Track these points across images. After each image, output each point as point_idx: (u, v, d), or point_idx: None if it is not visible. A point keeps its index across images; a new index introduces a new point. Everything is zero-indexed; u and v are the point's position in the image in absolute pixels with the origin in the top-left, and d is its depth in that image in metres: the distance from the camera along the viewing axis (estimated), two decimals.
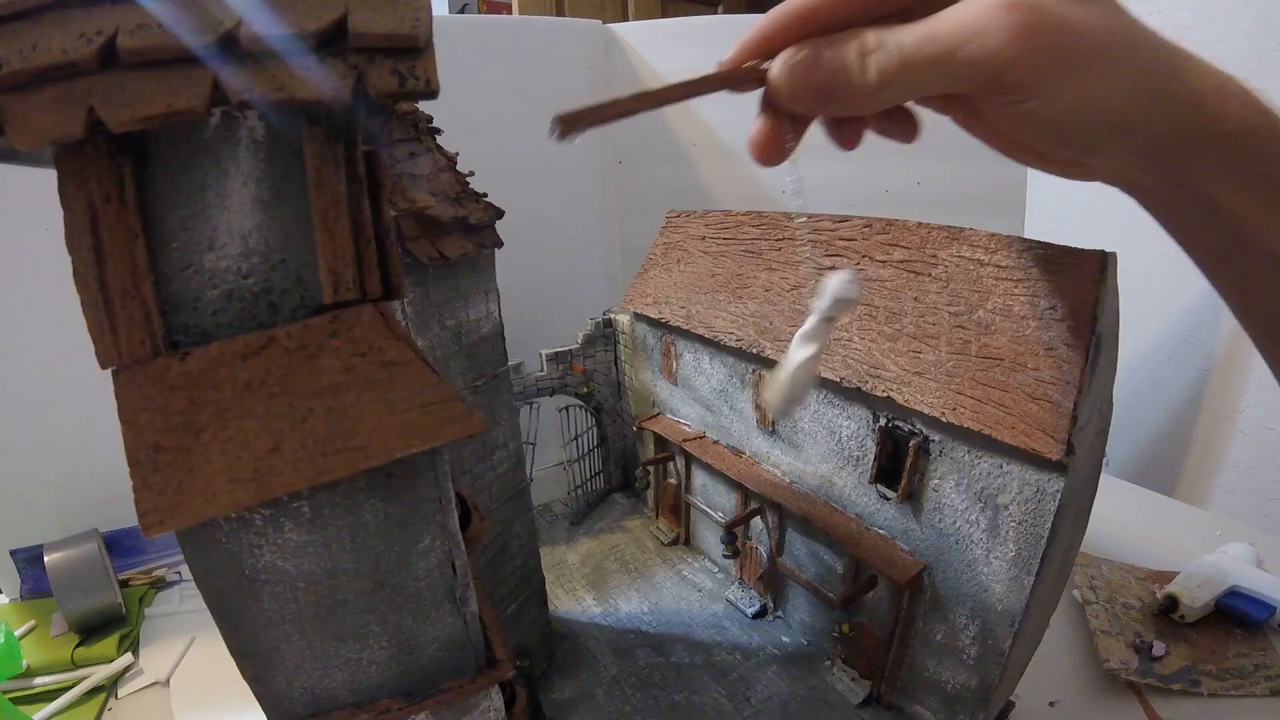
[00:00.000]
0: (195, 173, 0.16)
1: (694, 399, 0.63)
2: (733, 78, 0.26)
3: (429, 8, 0.16)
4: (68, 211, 0.16)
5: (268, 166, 0.16)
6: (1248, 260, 0.26)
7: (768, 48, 0.25)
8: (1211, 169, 0.24)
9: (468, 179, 0.44)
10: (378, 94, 0.15)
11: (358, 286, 0.17)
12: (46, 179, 0.16)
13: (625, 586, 0.64)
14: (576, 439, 0.76)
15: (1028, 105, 0.23)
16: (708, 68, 0.26)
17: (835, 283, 0.32)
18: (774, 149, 0.27)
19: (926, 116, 0.29)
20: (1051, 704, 0.49)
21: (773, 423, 0.53)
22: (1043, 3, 0.22)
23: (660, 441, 0.68)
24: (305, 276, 0.17)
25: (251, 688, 0.20)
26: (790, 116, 0.27)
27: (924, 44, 0.23)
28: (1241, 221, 0.25)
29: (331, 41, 0.15)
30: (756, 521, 0.58)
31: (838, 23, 0.25)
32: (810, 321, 0.33)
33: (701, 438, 0.62)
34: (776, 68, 0.25)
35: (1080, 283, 0.33)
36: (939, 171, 0.84)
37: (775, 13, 0.25)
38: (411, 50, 0.15)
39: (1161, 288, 0.86)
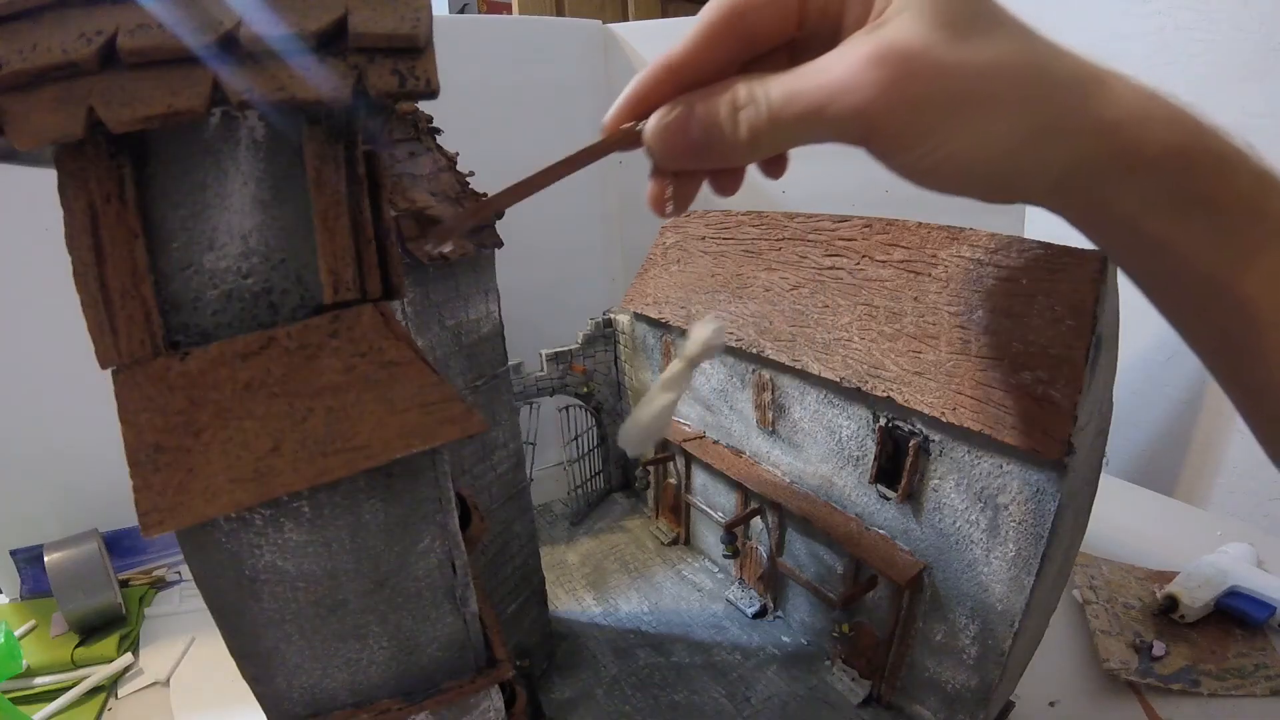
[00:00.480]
0: (195, 173, 0.16)
1: (694, 399, 0.63)
2: (611, 144, 0.25)
3: (429, 8, 0.15)
4: (68, 211, 0.16)
5: (268, 166, 0.16)
6: (1181, 284, 0.25)
7: (643, 108, 0.25)
8: (1131, 197, 0.23)
9: (468, 179, 0.44)
10: (378, 94, 0.15)
11: (358, 286, 0.17)
12: (46, 179, 0.17)
13: (625, 586, 0.64)
14: (576, 439, 0.76)
15: (907, 158, 0.22)
16: None
17: (701, 329, 0.32)
18: (667, 205, 0.27)
19: None
20: (1051, 704, 0.49)
21: (772, 423, 0.53)
22: (916, 50, 0.21)
23: (660, 441, 0.68)
24: (305, 276, 0.17)
25: (251, 688, 0.20)
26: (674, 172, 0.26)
27: (791, 100, 0.22)
28: (1170, 247, 0.24)
29: (331, 41, 0.15)
30: (756, 521, 0.58)
31: (710, 74, 0.24)
32: (673, 366, 0.33)
33: (701, 438, 0.62)
34: (649, 129, 0.24)
35: (1080, 283, 0.33)
36: None
37: (647, 70, 0.25)
38: (412, 50, 0.15)
39: None
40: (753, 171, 0.28)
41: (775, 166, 0.29)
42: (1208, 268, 0.24)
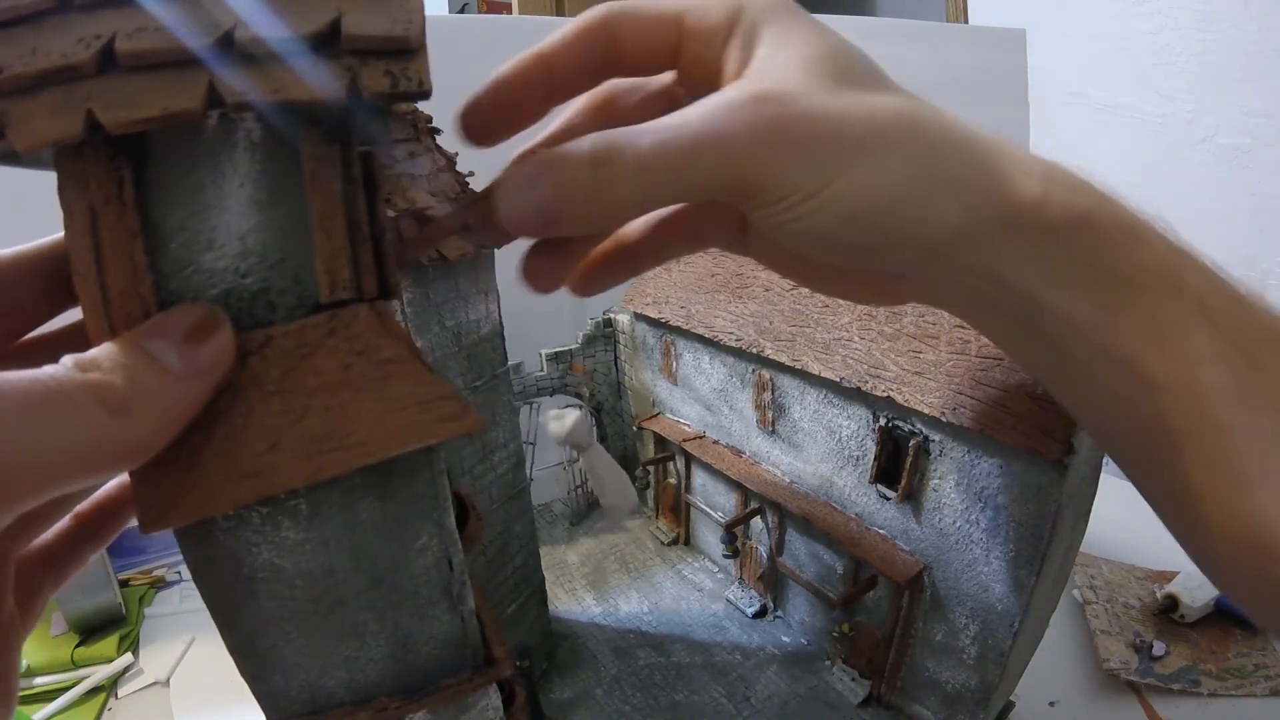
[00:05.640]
0: (193, 174, 0.16)
1: (694, 399, 0.63)
2: (467, 215, 0.23)
3: (422, 9, 0.16)
4: (67, 213, 0.16)
5: (264, 167, 0.17)
6: (1088, 371, 0.22)
7: (507, 96, 0.23)
8: (1032, 266, 0.21)
9: (467, 179, 0.45)
10: (371, 95, 0.15)
11: (354, 286, 0.17)
12: (42, 183, 0.17)
13: (625, 586, 0.64)
14: None
15: (778, 208, 0.20)
16: None
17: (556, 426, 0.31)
18: (542, 282, 0.26)
19: None
20: (1051, 704, 0.49)
21: (772, 423, 0.53)
22: (797, 92, 0.19)
23: (660, 441, 0.68)
24: (302, 276, 0.17)
25: (250, 686, 0.20)
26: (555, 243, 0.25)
27: (661, 149, 0.19)
28: (1076, 326, 0.21)
29: (325, 44, 0.15)
30: (756, 521, 0.58)
31: (576, 77, 0.23)
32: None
33: (701, 437, 0.62)
34: (495, 186, 0.21)
35: None
36: None
37: (517, 58, 0.23)
38: (404, 52, 0.15)
39: None
40: None
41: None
42: (1121, 351, 0.21)
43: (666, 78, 0.25)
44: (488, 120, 0.24)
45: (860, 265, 0.23)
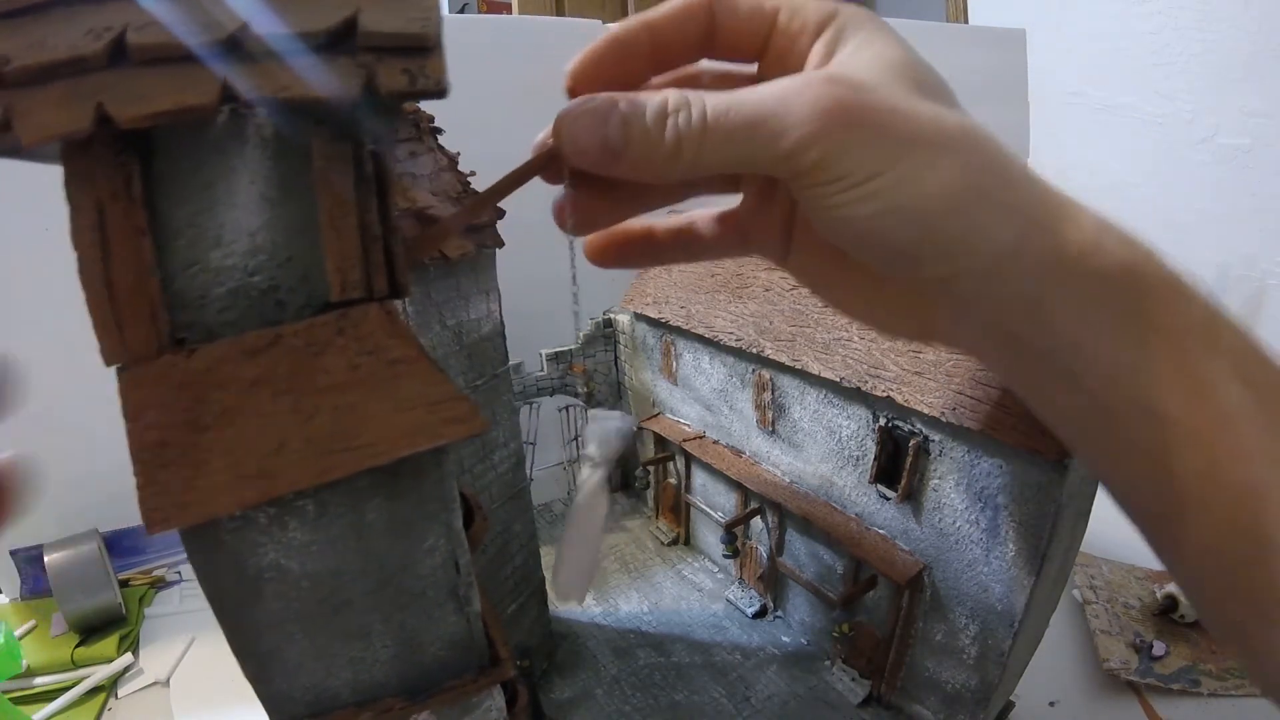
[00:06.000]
0: (203, 170, 0.16)
1: (694, 399, 0.63)
2: (539, 165, 0.23)
3: (439, 8, 0.16)
4: (74, 208, 0.16)
5: (275, 165, 0.16)
6: (1118, 419, 0.22)
7: (615, 57, 0.24)
8: (1081, 310, 0.21)
9: (469, 179, 0.44)
10: (387, 93, 0.15)
11: (364, 285, 0.17)
12: (46, 180, 0.17)
13: (625, 586, 0.64)
14: (576, 439, 0.76)
15: (832, 189, 0.20)
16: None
17: (598, 427, 0.31)
18: (569, 220, 0.26)
19: None
20: (1051, 704, 0.49)
21: (771, 424, 0.53)
22: (869, 83, 0.20)
23: (660, 441, 0.68)
24: (312, 275, 0.17)
25: (254, 687, 0.20)
26: (600, 193, 0.26)
27: (731, 110, 0.20)
28: (1114, 375, 0.21)
29: (341, 41, 0.15)
30: (756, 521, 0.58)
31: (675, 50, 0.24)
32: (585, 485, 0.30)
33: (701, 437, 0.62)
34: (565, 110, 0.22)
35: None
36: None
37: (622, 24, 0.24)
38: (422, 50, 0.15)
39: None
40: None
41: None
42: (1156, 402, 0.21)
43: (751, 70, 0.26)
44: (593, 75, 0.24)
45: (899, 273, 0.23)
